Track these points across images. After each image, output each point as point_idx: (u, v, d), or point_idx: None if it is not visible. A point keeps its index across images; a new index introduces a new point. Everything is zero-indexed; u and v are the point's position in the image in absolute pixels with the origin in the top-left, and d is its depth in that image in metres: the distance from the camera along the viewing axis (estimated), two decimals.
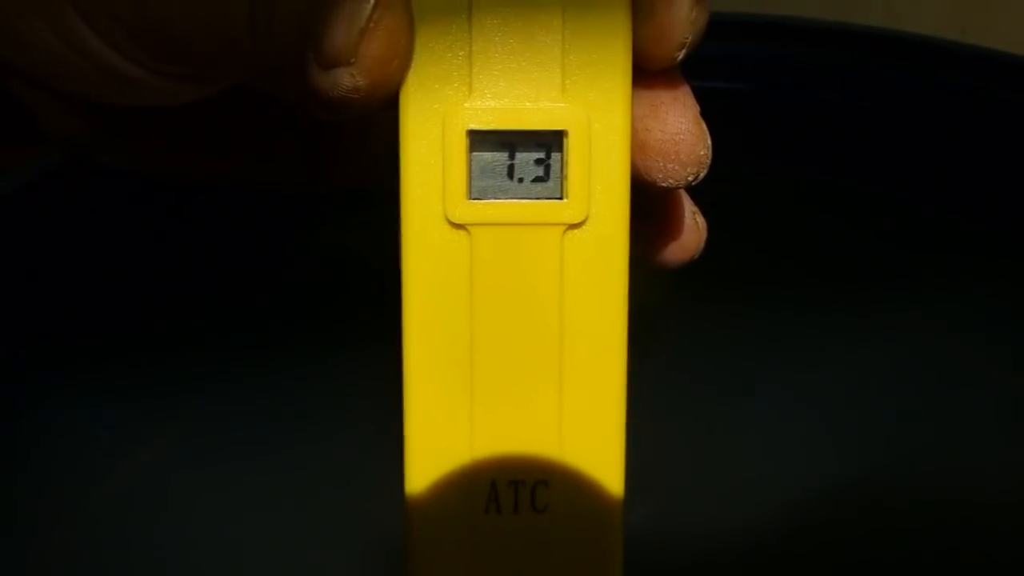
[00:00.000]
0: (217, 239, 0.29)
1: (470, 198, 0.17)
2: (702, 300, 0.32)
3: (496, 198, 0.17)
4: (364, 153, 0.26)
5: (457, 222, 0.17)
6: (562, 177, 0.17)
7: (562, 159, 0.17)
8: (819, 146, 0.38)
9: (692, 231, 0.21)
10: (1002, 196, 0.35)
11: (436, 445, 0.18)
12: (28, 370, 0.26)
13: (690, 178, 0.18)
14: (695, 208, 0.21)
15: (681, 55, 0.17)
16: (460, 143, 0.17)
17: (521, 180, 0.17)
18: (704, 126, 0.18)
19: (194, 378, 0.28)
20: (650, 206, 0.21)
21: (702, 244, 0.21)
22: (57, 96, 0.24)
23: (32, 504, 0.25)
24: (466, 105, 0.17)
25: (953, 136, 0.37)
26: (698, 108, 0.18)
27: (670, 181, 0.18)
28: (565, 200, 0.17)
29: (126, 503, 0.25)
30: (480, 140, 0.17)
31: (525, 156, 0.17)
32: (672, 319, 0.33)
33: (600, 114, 0.17)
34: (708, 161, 0.18)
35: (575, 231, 0.17)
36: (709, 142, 0.18)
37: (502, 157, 0.17)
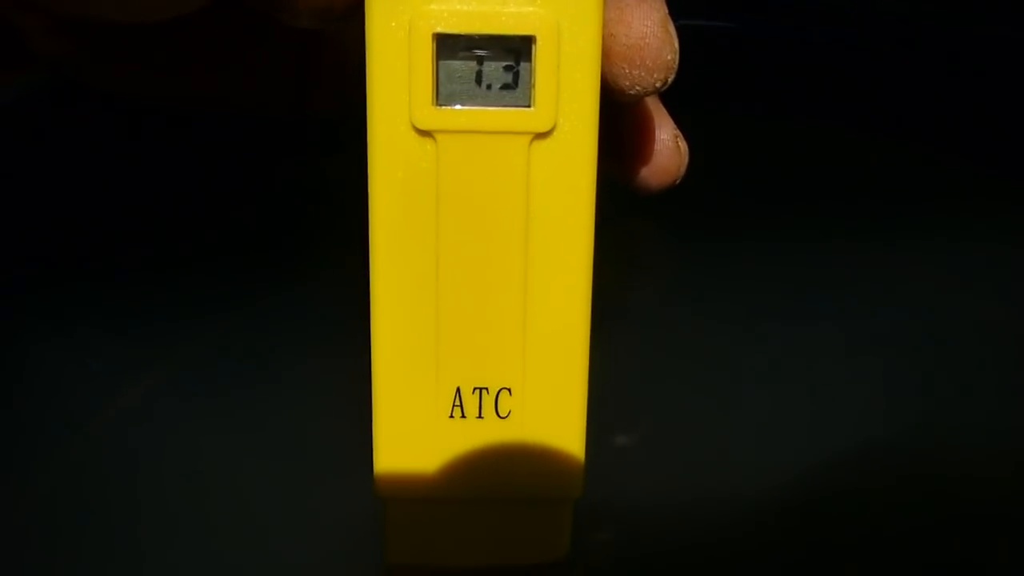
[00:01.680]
0: (200, 168, 0.29)
1: (436, 104, 0.17)
2: (693, 242, 0.32)
3: (463, 105, 0.17)
4: (349, 76, 0.25)
5: (423, 128, 0.17)
6: (530, 85, 0.17)
7: (531, 67, 0.17)
8: (813, 86, 0.38)
9: (674, 154, 0.21)
10: (1011, 141, 0.35)
11: (402, 351, 0.18)
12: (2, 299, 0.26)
13: (657, 84, 0.18)
14: (678, 131, 0.21)
15: None
16: (426, 47, 0.17)
17: (489, 87, 0.17)
18: (671, 29, 0.18)
19: (175, 306, 0.28)
20: (624, 122, 0.21)
21: (683, 168, 0.21)
22: (40, 13, 0.24)
23: (6, 445, 0.24)
24: (432, 7, 0.16)
25: (955, 76, 0.37)
26: (665, 11, 0.18)
27: (637, 88, 0.18)
28: (533, 108, 0.17)
29: (108, 437, 0.25)
30: (447, 45, 0.17)
31: (493, 63, 0.17)
32: (664, 262, 0.32)
33: (570, 19, 0.17)
34: (675, 66, 0.18)
35: (543, 140, 0.17)
36: (676, 46, 0.18)
37: (470, 64, 0.17)
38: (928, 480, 0.24)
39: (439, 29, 0.17)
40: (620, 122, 0.21)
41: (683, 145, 0.21)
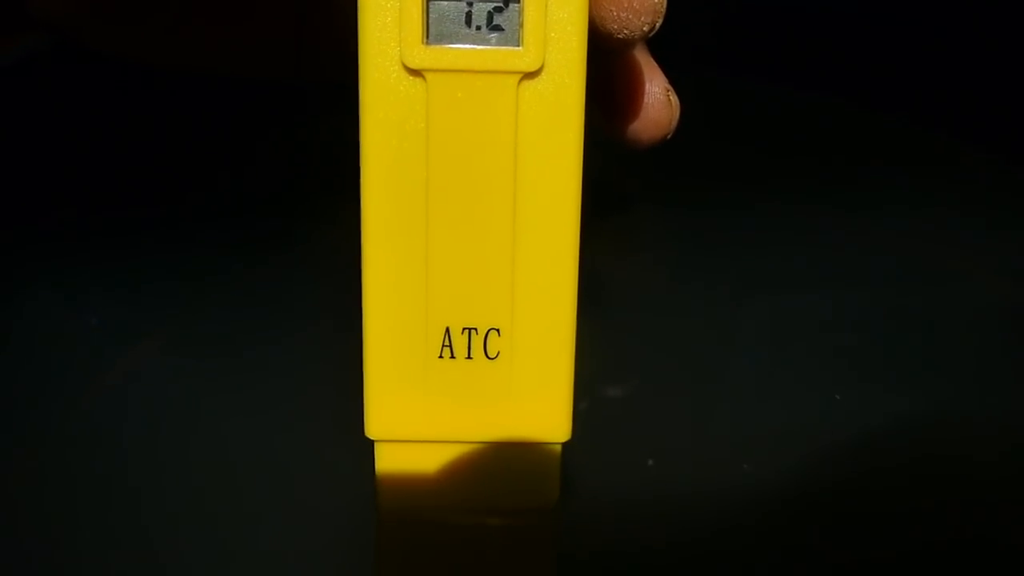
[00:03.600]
0: (203, 131, 0.30)
1: (426, 43, 0.17)
2: (684, 207, 0.32)
3: (452, 44, 0.17)
4: (349, 41, 0.26)
5: (413, 67, 0.17)
6: (519, 25, 0.17)
7: (519, 7, 0.17)
8: (808, 54, 0.38)
9: (664, 107, 0.21)
10: (999, 112, 0.35)
11: (392, 291, 0.18)
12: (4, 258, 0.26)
13: (645, 28, 0.18)
14: (669, 86, 0.21)
15: None
16: None
17: (479, 28, 0.17)
18: None
19: (175, 267, 0.28)
20: (615, 74, 0.21)
21: (675, 122, 0.21)
22: None
23: (5, 402, 0.25)
24: None
25: (948, 51, 0.37)
26: None
27: (625, 32, 0.18)
28: (521, 48, 0.17)
29: (107, 395, 0.25)
30: None
31: (483, 3, 0.17)
32: (658, 225, 0.32)
33: None
34: (663, 10, 0.18)
35: (531, 80, 0.17)
36: None
37: (459, 4, 0.17)
38: (928, 462, 0.24)
39: None
40: (611, 75, 0.21)
41: (674, 99, 0.21)
